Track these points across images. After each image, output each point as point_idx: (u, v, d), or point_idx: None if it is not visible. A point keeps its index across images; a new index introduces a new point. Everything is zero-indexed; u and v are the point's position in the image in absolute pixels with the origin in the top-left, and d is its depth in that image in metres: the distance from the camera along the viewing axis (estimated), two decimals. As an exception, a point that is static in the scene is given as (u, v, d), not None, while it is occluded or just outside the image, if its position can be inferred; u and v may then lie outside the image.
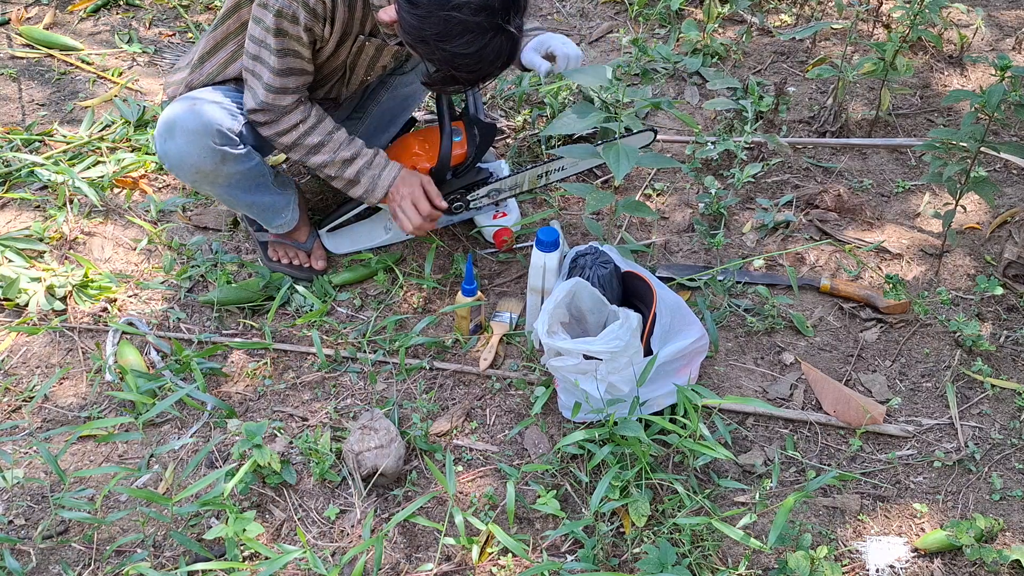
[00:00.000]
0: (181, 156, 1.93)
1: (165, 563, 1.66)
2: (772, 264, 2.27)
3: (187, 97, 1.96)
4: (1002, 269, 2.20)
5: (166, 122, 1.92)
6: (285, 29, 1.81)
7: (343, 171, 1.99)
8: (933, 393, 1.97)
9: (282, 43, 1.83)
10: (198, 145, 1.90)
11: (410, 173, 2.03)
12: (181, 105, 1.93)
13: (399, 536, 1.71)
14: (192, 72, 2.05)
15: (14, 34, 3.08)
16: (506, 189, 2.25)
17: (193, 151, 1.91)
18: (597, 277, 1.87)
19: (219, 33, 2.00)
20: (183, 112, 1.91)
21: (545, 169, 2.27)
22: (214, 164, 1.93)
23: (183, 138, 1.91)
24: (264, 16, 1.81)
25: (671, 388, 1.77)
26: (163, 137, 1.93)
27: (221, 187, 2.00)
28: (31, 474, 1.80)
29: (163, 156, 1.96)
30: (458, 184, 2.17)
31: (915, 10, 2.42)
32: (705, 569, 1.61)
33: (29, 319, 2.10)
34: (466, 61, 1.68)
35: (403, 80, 2.24)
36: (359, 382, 2.00)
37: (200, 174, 1.96)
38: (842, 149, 2.63)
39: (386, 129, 2.33)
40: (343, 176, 2.00)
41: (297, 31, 1.82)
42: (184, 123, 1.90)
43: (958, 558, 1.67)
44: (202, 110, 1.91)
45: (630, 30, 3.14)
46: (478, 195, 2.21)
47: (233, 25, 1.97)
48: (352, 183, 2.01)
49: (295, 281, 2.18)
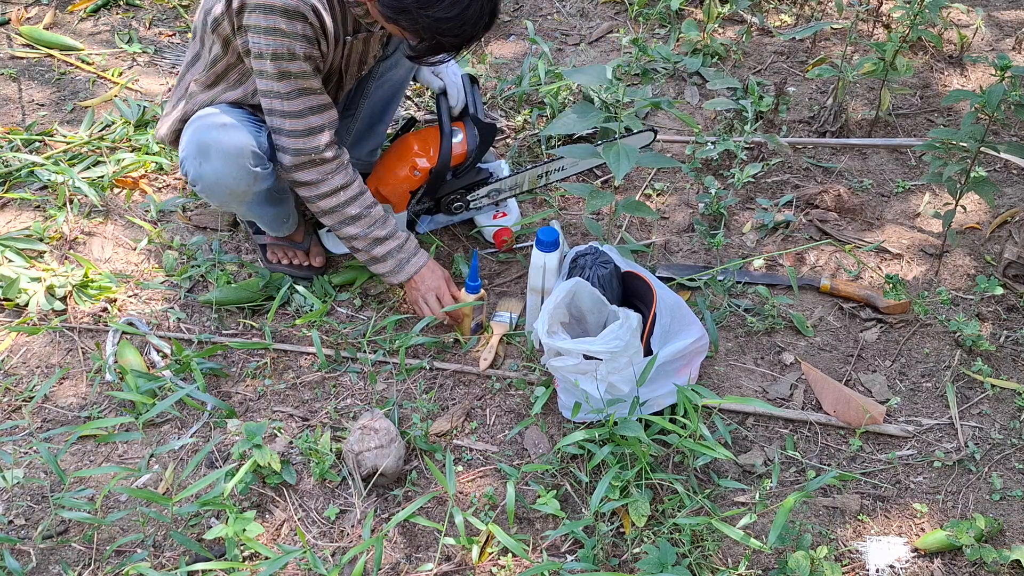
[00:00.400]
0: (217, 179, 1.88)
1: (165, 563, 1.66)
2: (772, 264, 2.27)
3: (208, 116, 1.90)
4: (1002, 269, 2.20)
5: (198, 144, 1.86)
6: (288, 70, 1.78)
7: (372, 248, 1.97)
8: (933, 393, 1.97)
9: (290, 85, 1.80)
10: (235, 167, 1.86)
11: (436, 265, 2.04)
12: (207, 126, 1.87)
13: (399, 536, 1.71)
14: (187, 104, 2.00)
15: (14, 34, 3.08)
16: (506, 189, 2.25)
17: (230, 173, 1.87)
18: (597, 277, 1.87)
19: (205, 55, 1.93)
20: (216, 134, 1.85)
21: (545, 169, 2.27)
22: (247, 184, 1.90)
23: (220, 161, 1.86)
24: (263, 66, 1.78)
25: (671, 388, 1.77)
26: (197, 160, 1.88)
27: (247, 204, 1.98)
28: (31, 474, 1.80)
29: (197, 179, 1.90)
30: (458, 184, 2.18)
31: (915, 10, 2.42)
32: (705, 569, 1.61)
33: (29, 319, 2.10)
34: (449, 25, 1.66)
35: (387, 64, 2.20)
36: (359, 382, 2.00)
37: (233, 195, 1.93)
38: (842, 149, 2.63)
39: (380, 120, 2.32)
40: (370, 253, 1.98)
41: (300, 66, 1.79)
42: (220, 145, 1.85)
43: (958, 558, 1.66)
44: (234, 131, 1.85)
45: (630, 30, 3.14)
46: (478, 195, 2.21)
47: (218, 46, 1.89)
48: (377, 261, 2.00)
49: (295, 281, 2.18)
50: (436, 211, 2.26)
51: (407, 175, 2.11)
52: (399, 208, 2.17)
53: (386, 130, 2.37)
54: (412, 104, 2.79)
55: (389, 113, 2.34)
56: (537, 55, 2.94)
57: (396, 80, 2.25)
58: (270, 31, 1.73)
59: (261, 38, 1.74)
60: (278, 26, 1.72)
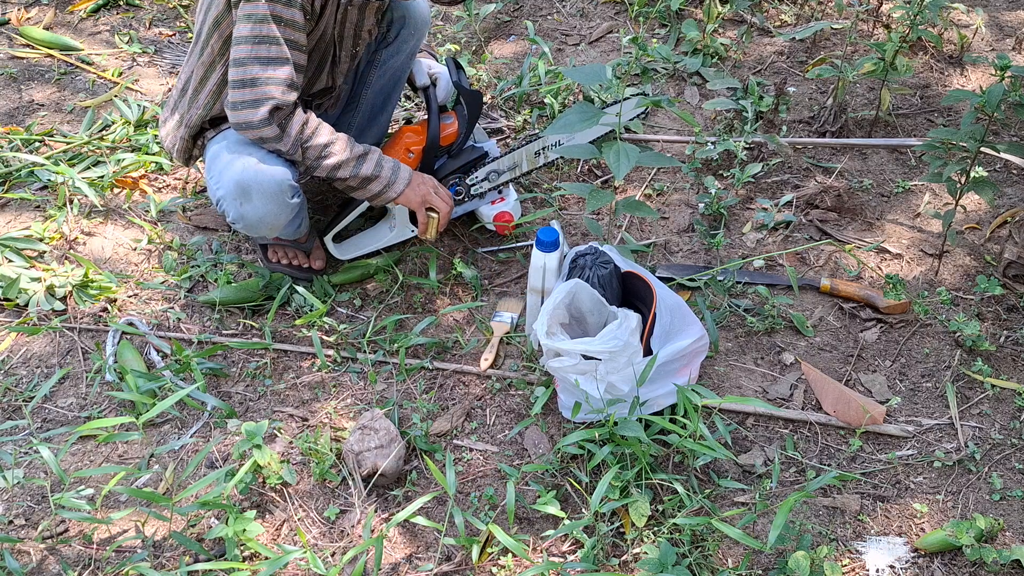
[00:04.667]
0: (260, 217, 1.92)
1: (165, 563, 1.66)
2: (772, 264, 2.27)
3: (239, 154, 1.90)
4: (1002, 269, 2.20)
5: (239, 185, 1.88)
6: (280, 15, 1.77)
7: (359, 167, 1.95)
8: (933, 393, 1.97)
9: (282, 33, 1.79)
10: (277, 203, 1.90)
11: (420, 173, 2.07)
12: (243, 164, 1.88)
13: (399, 536, 1.71)
14: (190, 108, 2.00)
15: (14, 34, 3.08)
16: (505, 170, 2.24)
17: (271, 211, 1.91)
18: (597, 277, 1.87)
19: (206, 57, 1.94)
20: (254, 174, 1.87)
21: (541, 145, 2.26)
22: (286, 217, 1.95)
23: (261, 200, 1.89)
24: (254, 9, 1.76)
25: (671, 388, 1.77)
26: (239, 201, 1.90)
27: (279, 229, 2.00)
28: (31, 474, 1.80)
29: (238, 219, 1.94)
30: (454, 164, 2.19)
31: (915, 10, 2.42)
32: (705, 569, 1.61)
33: (29, 319, 2.10)
34: None
35: (388, 52, 2.21)
36: (359, 382, 2.00)
37: (273, 228, 1.97)
38: (842, 149, 2.63)
39: (382, 110, 2.33)
40: (360, 173, 1.95)
41: (292, 14, 1.78)
42: (260, 185, 1.87)
43: (958, 558, 1.67)
44: (269, 168, 1.88)
45: (630, 30, 3.14)
46: (477, 178, 2.21)
47: (217, 44, 1.91)
48: (369, 179, 1.97)
49: (295, 281, 2.18)
50: None
51: (402, 159, 2.14)
52: None
53: (388, 121, 2.37)
54: (413, 106, 2.79)
55: (391, 103, 2.34)
56: (537, 55, 2.94)
57: (397, 67, 2.26)
58: None
59: None
60: None
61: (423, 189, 2.05)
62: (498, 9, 3.20)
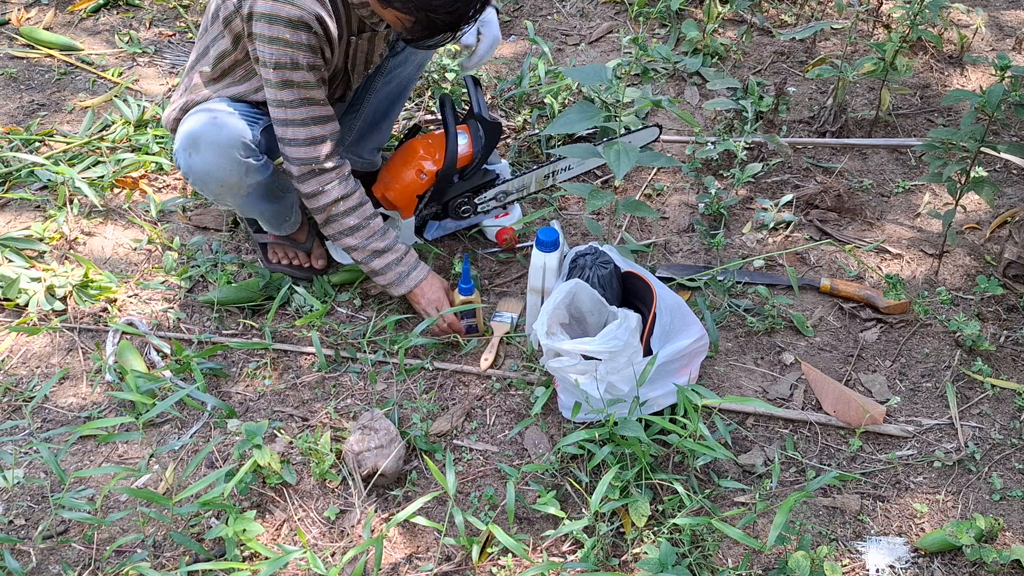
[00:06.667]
0: (207, 170, 1.90)
1: (165, 563, 1.66)
2: (772, 264, 2.27)
3: (203, 109, 1.91)
4: (1002, 269, 2.20)
5: (189, 136, 1.88)
6: (291, 79, 1.78)
7: (371, 261, 1.99)
8: (933, 393, 1.97)
9: (293, 94, 1.80)
10: (224, 158, 1.87)
11: (435, 277, 2.05)
12: (200, 118, 1.88)
13: (399, 536, 1.71)
14: (192, 94, 1.99)
15: (14, 34, 3.08)
16: (513, 191, 2.25)
17: (219, 164, 1.88)
18: (597, 277, 1.87)
19: (212, 50, 1.92)
20: (206, 125, 1.86)
21: (551, 169, 2.27)
22: (239, 177, 1.91)
23: (209, 152, 1.87)
24: (268, 75, 1.79)
25: (671, 388, 1.77)
26: (187, 151, 1.89)
27: (242, 198, 1.99)
28: (31, 474, 1.80)
29: (187, 171, 1.92)
30: (465, 186, 2.17)
31: (915, 10, 2.42)
32: (705, 569, 1.61)
33: (29, 319, 2.10)
34: (441, 2, 1.67)
35: (396, 61, 2.21)
36: (359, 382, 2.00)
37: (224, 187, 1.93)
38: (842, 149, 2.63)
39: (384, 117, 2.32)
40: (369, 265, 2.00)
41: (303, 76, 1.79)
42: (209, 136, 1.86)
43: (958, 558, 1.66)
44: (225, 122, 1.86)
45: (630, 30, 3.14)
46: (485, 198, 2.21)
47: (228, 40, 1.89)
48: (377, 273, 2.01)
49: (295, 281, 2.18)
50: (443, 216, 2.25)
51: (413, 179, 2.11)
52: (407, 213, 2.17)
53: (390, 129, 2.37)
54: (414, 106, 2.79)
55: (394, 111, 2.34)
56: (537, 55, 2.94)
57: (403, 77, 2.26)
58: (274, 40, 1.74)
59: (265, 47, 1.75)
60: (282, 35, 1.73)
61: (423, 302, 2.04)
62: (498, 9, 3.20)
